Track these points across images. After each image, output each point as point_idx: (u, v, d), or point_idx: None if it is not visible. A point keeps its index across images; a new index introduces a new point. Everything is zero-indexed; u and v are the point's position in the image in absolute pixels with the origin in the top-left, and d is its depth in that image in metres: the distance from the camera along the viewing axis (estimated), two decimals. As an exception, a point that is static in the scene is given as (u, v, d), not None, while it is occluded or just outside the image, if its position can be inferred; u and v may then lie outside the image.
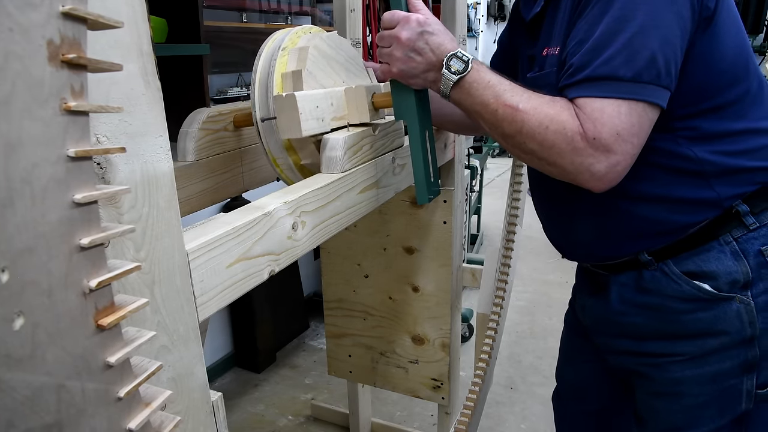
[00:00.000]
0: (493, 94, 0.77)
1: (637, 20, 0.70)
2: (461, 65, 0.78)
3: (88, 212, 0.33)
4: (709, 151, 0.80)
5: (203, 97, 1.83)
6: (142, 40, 0.45)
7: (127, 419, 0.37)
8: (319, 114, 0.84)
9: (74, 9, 0.30)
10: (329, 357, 1.82)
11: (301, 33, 0.96)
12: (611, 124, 0.71)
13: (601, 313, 0.99)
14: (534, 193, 1.05)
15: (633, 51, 0.70)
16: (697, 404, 0.88)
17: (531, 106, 0.74)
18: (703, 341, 0.86)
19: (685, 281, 0.85)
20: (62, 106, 0.30)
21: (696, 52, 0.76)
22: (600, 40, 0.72)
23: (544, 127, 0.73)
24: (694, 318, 0.85)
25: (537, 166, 0.80)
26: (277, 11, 2.45)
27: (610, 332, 0.99)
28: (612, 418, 1.15)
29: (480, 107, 0.78)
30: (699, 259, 0.84)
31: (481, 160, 3.55)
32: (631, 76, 0.70)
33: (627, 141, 0.71)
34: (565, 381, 1.22)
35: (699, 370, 0.87)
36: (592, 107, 0.72)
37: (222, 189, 1.06)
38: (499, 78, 0.78)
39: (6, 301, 0.28)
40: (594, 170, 0.72)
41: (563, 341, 1.21)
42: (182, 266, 0.53)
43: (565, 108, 0.73)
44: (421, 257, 1.54)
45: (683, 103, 0.78)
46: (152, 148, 0.48)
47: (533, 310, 2.97)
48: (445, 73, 0.79)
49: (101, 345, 0.34)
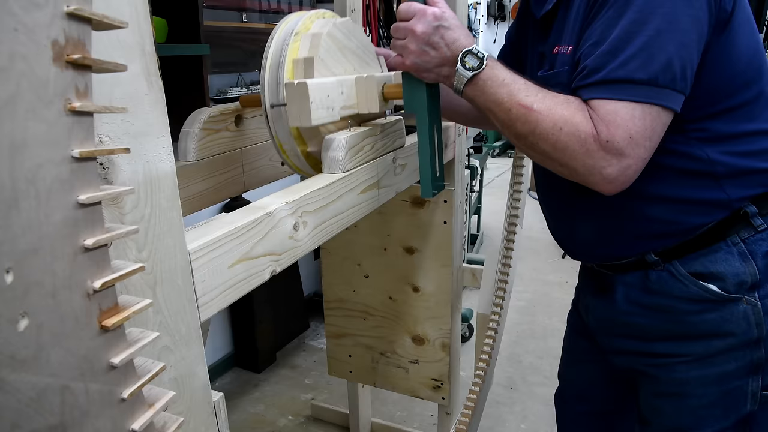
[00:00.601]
0: (507, 92, 0.76)
1: (654, 23, 0.70)
2: (476, 62, 0.77)
3: (92, 213, 0.33)
4: (721, 152, 0.80)
5: (203, 97, 1.83)
6: (144, 40, 0.45)
7: (130, 420, 0.37)
8: (330, 103, 0.83)
9: (79, 9, 0.30)
10: (329, 357, 1.82)
11: (315, 18, 0.94)
12: (625, 127, 0.70)
13: (605, 313, 0.98)
14: (540, 192, 1.04)
15: (649, 54, 0.70)
16: (702, 405, 0.88)
17: (545, 106, 0.74)
18: (709, 342, 0.86)
19: (693, 282, 0.84)
20: (67, 107, 0.30)
21: (712, 55, 0.75)
22: (616, 43, 0.71)
23: (558, 128, 0.73)
24: (700, 319, 0.85)
25: (548, 167, 0.79)
26: (277, 11, 2.45)
27: (614, 332, 0.98)
28: (615, 419, 1.15)
29: (493, 105, 0.77)
30: (706, 260, 0.84)
31: (481, 160, 3.55)
32: (647, 80, 0.70)
33: (640, 144, 0.71)
34: (568, 381, 1.21)
35: (704, 371, 0.87)
36: (606, 109, 0.71)
37: (223, 189, 1.06)
38: (513, 76, 0.77)
39: (11, 302, 0.28)
40: (605, 173, 0.72)
41: (566, 342, 1.21)
42: (184, 266, 0.52)
43: (579, 109, 0.73)
44: (421, 257, 1.54)
45: (697, 106, 0.77)
46: (155, 148, 0.48)
47: (533, 310, 2.97)
48: (460, 69, 0.78)
49: (105, 346, 0.34)
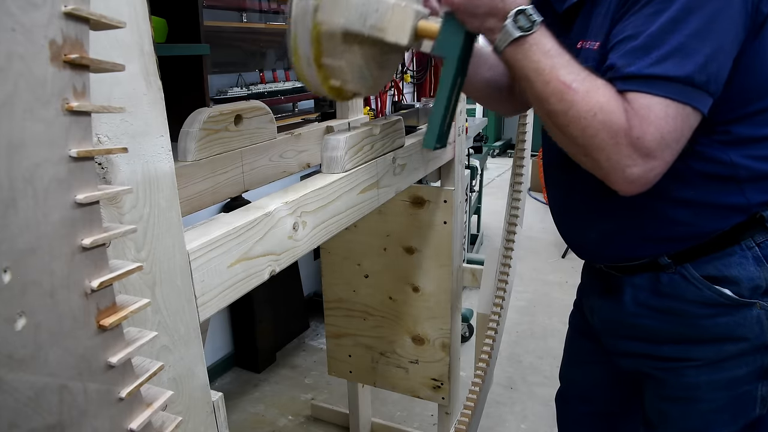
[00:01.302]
0: (550, 64, 0.72)
1: (693, 24, 0.68)
2: (527, 23, 0.72)
3: (90, 212, 0.33)
4: (743, 156, 0.79)
5: (203, 97, 1.83)
6: (143, 40, 0.45)
7: (128, 419, 0.37)
8: (364, 11, 0.79)
9: (77, 9, 0.30)
10: (329, 357, 1.82)
11: None
12: (657, 124, 0.69)
13: (612, 314, 0.97)
14: (555, 189, 1.01)
15: (686, 54, 0.68)
16: (711, 409, 0.87)
17: (584, 88, 0.71)
18: (720, 346, 0.85)
19: (707, 286, 0.83)
20: (64, 107, 0.30)
21: (744, 58, 0.74)
22: (653, 39, 0.70)
23: (593, 114, 0.70)
24: (713, 323, 0.84)
25: (571, 152, 0.77)
26: (277, 11, 2.45)
27: (620, 334, 0.97)
28: (618, 420, 1.14)
29: (533, 74, 0.73)
30: (720, 263, 0.83)
31: (481, 160, 3.55)
32: (683, 78, 0.68)
33: (669, 146, 0.70)
34: (570, 382, 1.20)
35: (714, 375, 0.86)
36: (641, 103, 0.69)
37: (222, 189, 1.06)
38: (559, 49, 0.73)
39: (8, 302, 0.28)
40: (628, 173, 0.71)
41: (568, 343, 1.20)
42: (183, 266, 0.53)
43: (615, 99, 0.71)
44: (421, 257, 1.54)
45: (725, 109, 0.76)
46: (153, 148, 0.48)
47: (533, 310, 2.97)
48: (508, 26, 0.73)
49: (103, 345, 0.34)
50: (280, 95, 2.48)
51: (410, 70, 3.99)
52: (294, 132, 1.24)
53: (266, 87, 2.43)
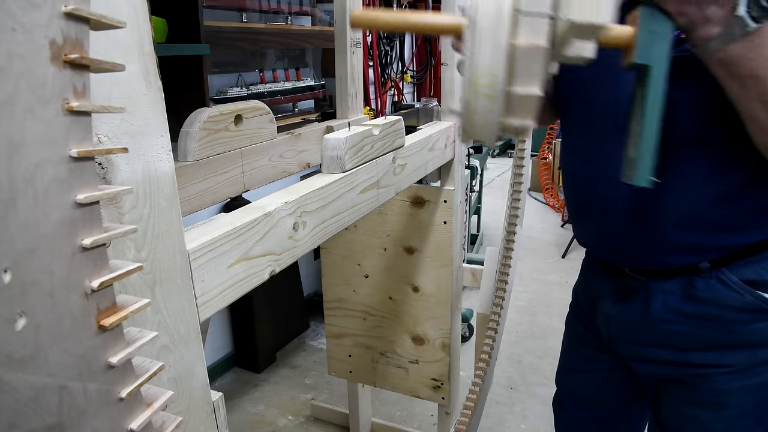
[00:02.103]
0: None
1: None
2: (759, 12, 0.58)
3: (90, 213, 0.33)
4: None
5: (203, 97, 1.83)
6: (143, 40, 0.45)
7: (128, 420, 0.37)
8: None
9: (77, 9, 0.30)
10: (329, 357, 1.82)
11: None
12: None
13: (634, 320, 0.92)
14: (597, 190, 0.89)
15: None
16: (738, 414, 0.86)
17: None
18: (754, 352, 0.83)
19: (748, 291, 0.81)
20: (65, 107, 0.30)
21: None
22: None
23: None
24: (750, 329, 0.82)
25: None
26: (277, 11, 2.45)
27: (642, 340, 0.92)
28: (616, 424, 1.12)
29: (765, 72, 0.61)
30: (760, 267, 0.81)
31: (481, 160, 3.54)
32: None
33: None
34: (568, 388, 1.18)
35: (746, 381, 0.84)
36: None
37: (222, 189, 1.06)
38: None
39: (8, 302, 0.28)
40: None
41: (566, 348, 1.17)
42: (183, 266, 0.52)
43: None
44: (421, 257, 1.54)
45: None
46: (153, 148, 0.48)
47: (533, 310, 2.97)
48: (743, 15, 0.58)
49: (103, 345, 0.34)
50: (280, 95, 2.49)
51: (410, 70, 3.98)
52: (294, 132, 1.25)
53: (266, 87, 2.43)
